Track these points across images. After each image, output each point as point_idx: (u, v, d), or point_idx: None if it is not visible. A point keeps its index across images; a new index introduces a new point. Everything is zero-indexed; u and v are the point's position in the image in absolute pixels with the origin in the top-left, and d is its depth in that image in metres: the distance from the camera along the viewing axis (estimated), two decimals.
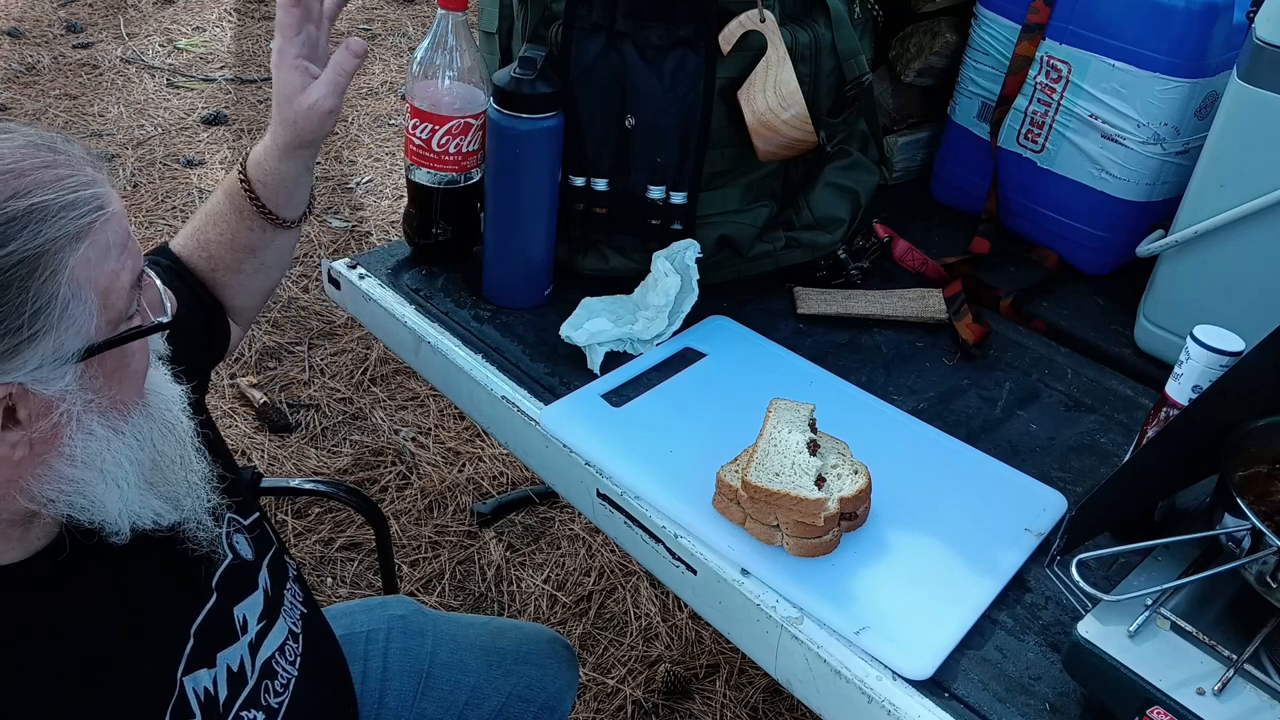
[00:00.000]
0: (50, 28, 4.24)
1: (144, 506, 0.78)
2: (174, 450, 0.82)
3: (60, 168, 0.70)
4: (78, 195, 0.70)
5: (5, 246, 0.65)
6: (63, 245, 0.68)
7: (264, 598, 0.96)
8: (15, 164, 0.68)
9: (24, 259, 0.66)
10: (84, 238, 0.69)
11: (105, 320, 0.71)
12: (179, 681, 0.85)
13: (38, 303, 0.66)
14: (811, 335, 1.28)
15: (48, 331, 0.67)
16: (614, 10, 1.14)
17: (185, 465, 0.83)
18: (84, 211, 0.69)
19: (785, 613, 0.90)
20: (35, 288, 0.66)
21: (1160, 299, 1.27)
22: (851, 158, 1.34)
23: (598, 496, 1.04)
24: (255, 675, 0.94)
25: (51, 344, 0.68)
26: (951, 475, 1.06)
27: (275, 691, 0.97)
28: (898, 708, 0.83)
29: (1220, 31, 1.28)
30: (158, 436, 0.80)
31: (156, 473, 0.80)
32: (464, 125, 1.21)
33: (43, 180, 0.68)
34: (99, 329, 0.71)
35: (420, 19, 4.61)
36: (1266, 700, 0.78)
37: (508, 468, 2.35)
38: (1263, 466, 0.89)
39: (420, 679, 1.18)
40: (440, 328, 1.23)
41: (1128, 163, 1.37)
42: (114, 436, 0.75)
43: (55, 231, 0.67)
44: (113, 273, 0.71)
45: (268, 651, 0.96)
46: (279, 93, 1.01)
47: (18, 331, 0.66)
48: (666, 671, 1.93)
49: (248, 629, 0.94)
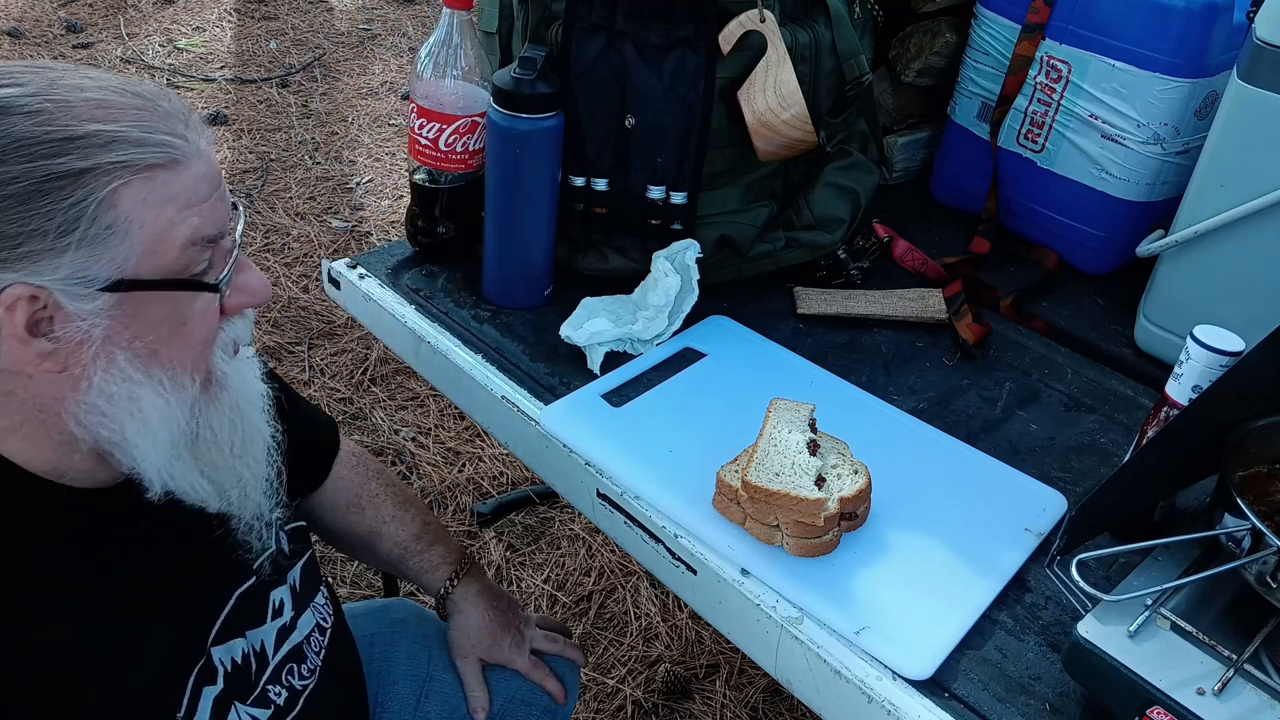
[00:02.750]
0: (50, 28, 4.24)
1: (181, 475, 0.80)
2: (229, 437, 0.83)
3: (146, 112, 0.73)
4: (149, 136, 0.72)
5: (55, 159, 0.69)
6: (113, 172, 0.70)
7: (292, 593, 0.99)
8: (104, 98, 0.72)
9: (67, 173, 0.69)
10: (141, 174, 0.71)
11: (150, 264, 0.73)
12: (208, 649, 0.87)
13: (69, 215, 0.69)
14: (811, 335, 1.28)
15: (72, 248, 0.70)
16: (614, 10, 1.14)
17: (242, 459, 0.84)
18: (150, 151, 0.72)
19: (785, 613, 0.90)
20: (71, 202, 0.69)
21: (1160, 299, 1.27)
22: (851, 158, 1.34)
23: (598, 496, 1.04)
24: (281, 656, 0.96)
25: (79, 261, 0.70)
26: (951, 475, 1.06)
27: (301, 675, 0.99)
28: (898, 708, 0.83)
29: (1220, 31, 1.28)
30: (215, 416, 0.81)
31: (197, 448, 0.80)
32: (471, 124, 1.21)
33: (122, 116, 0.72)
34: (139, 268, 0.72)
35: (420, 19, 4.61)
36: (1266, 700, 0.78)
37: (508, 468, 2.35)
38: (1263, 466, 0.89)
39: (422, 683, 1.18)
40: (440, 328, 1.23)
41: (1128, 163, 1.37)
42: (147, 383, 0.76)
43: (110, 158, 0.70)
44: (168, 221, 0.73)
45: (298, 638, 0.98)
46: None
47: (43, 237, 0.69)
48: (666, 671, 1.93)
49: (282, 613, 0.96)
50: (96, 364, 0.73)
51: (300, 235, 3.02)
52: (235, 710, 0.89)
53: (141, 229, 0.72)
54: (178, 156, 0.73)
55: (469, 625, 1.18)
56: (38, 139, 0.69)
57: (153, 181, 0.72)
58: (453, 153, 1.22)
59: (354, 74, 4.07)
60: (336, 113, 3.79)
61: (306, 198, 3.23)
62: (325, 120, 3.73)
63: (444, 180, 1.27)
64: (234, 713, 0.89)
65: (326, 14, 4.59)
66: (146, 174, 0.72)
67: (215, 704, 0.87)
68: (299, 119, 3.70)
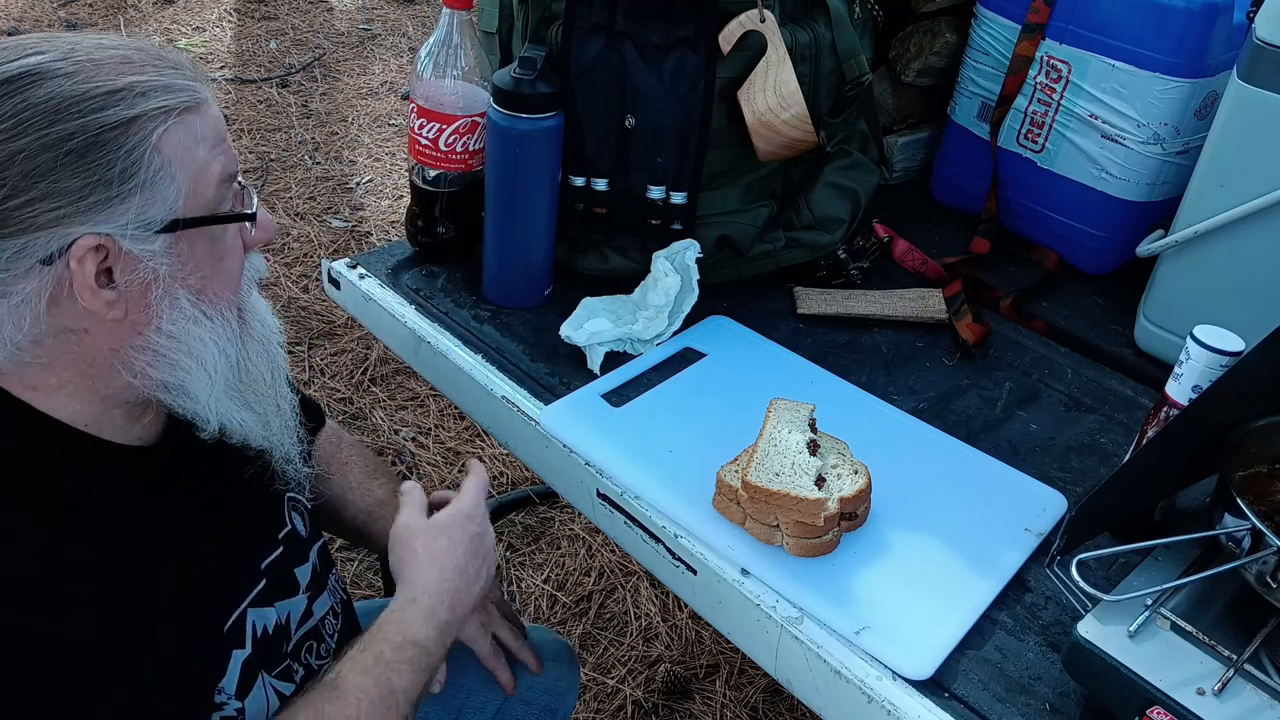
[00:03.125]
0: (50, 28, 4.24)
1: (231, 410, 0.84)
2: (265, 368, 0.88)
3: (161, 63, 0.79)
4: (174, 83, 0.78)
5: (104, 112, 0.74)
6: (155, 118, 0.76)
7: (312, 571, 1.00)
8: (126, 55, 0.78)
9: (118, 123, 0.74)
10: (175, 118, 0.77)
11: (194, 203, 0.78)
12: (244, 608, 0.89)
13: (128, 163, 0.74)
14: (811, 335, 1.28)
15: (135, 192, 0.75)
16: (614, 10, 1.14)
17: (275, 388, 0.89)
18: (179, 97, 0.78)
19: (785, 613, 0.90)
20: (126, 150, 0.74)
21: (1160, 299, 1.27)
22: (851, 158, 1.34)
23: (598, 496, 1.04)
24: (302, 634, 0.97)
25: (139, 205, 0.75)
26: (951, 475, 1.06)
27: (319, 655, 0.99)
28: (898, 708, 0.83)
29: (1220, 31, 1.28)
30: (251, 347, 0.86)
31: (244, 380, 0.85)
32: (471, 124, 1.21)
33: (145, 69, 0.77)
34: (186, 208, 0.78)
35: (420, 19, 4.61)
36: (1266, 700, 0.78)
37: (508, 468, 2.35)
38: (1263, 466, 0.89)
39: None
40: (440, 328, 1.23)
41: (1128, 163, 1.37)
42: (204, 319, 0.81)
43: (150, 105, 0.76)
44: (203, 161, 0.79)
45: (318, 615, 0.99)
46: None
47: (108, 186, 0.74)
48: (666, 671, 1.93)
49: (304, 590, 0.98)
50: (161, 305, 0.78)
51: (300, 235, 3.02)
52: (262, 679, 0.89)
53: (183, 169, 0.77)
54: (201, 99, 0.80)
55: None
56: (84, 95, 0.73)
57: (186, 124, 0.78)
58: (453, 153, 1.22)
59: (354, 74, 4.07)
60: (336, 113, 3.79)
61: (306, 198, 3.23)
62: (325, 120, 3.73)
63: (444, 180, 1.27)
64: (260, 681, 0.89)
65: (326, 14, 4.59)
66: (180, 118, 0.77)
67: (244, 667, 0.87)
68: (299, 119, 3.70)
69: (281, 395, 0.90)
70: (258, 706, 0.89)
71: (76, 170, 0.73)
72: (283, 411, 0.90)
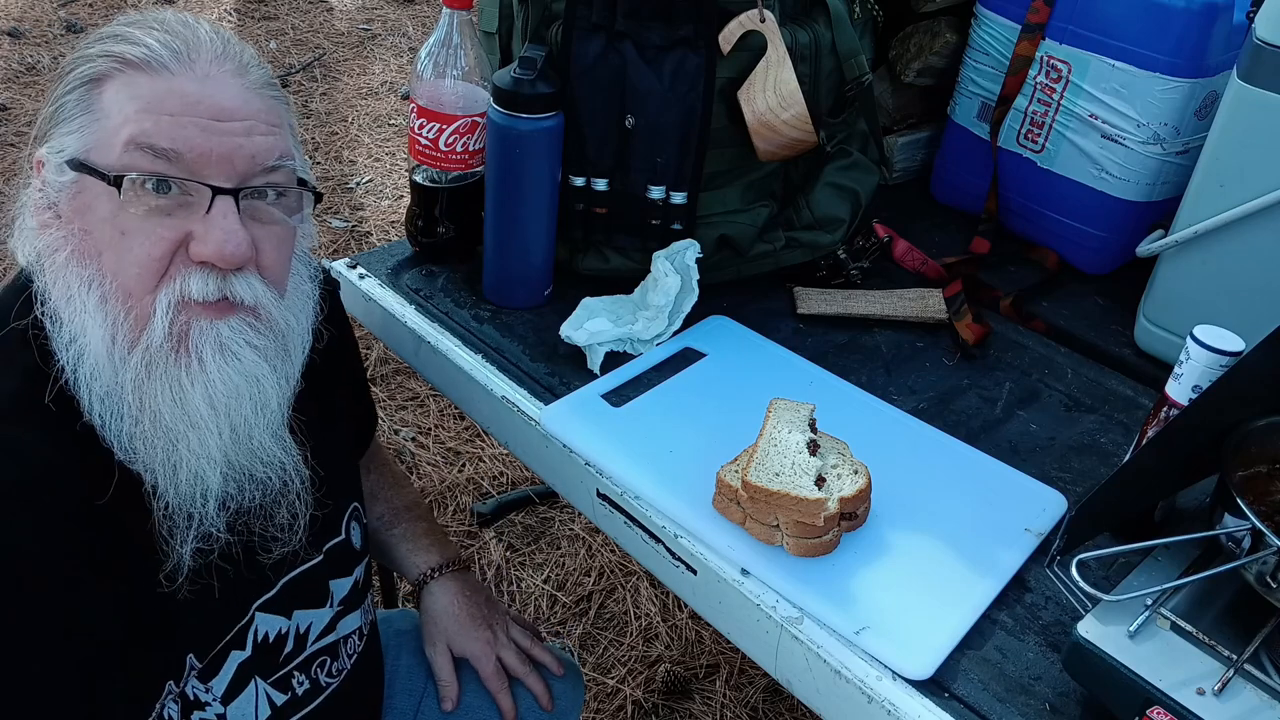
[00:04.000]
0: (50, 28, 4.24)
1: (116, 424, 0.76)
2: (184, 423, 0.78)
3: (177, 31, 0.79)
4: (146, 41, 0.77)
5: (90, 48, 0.78)
6: (102, 60, 0.77)
7: (353, 588, 0.99)
8: (176, 24, 0.79)
9: (84, 56, 0.78)
10: (125, 67, 0.76)
11: (100, 155, 0.76)
12: (252, 613, 0.88)
13: (69, 93, 0.77)
14: (811, 335, 1.28)
15: (65, 121, 0.77)
16: (614, 10, 1.14)
17: (201, 451, 0.79)
18: (150, 53, 0.77)
19: (785, 613, 0.90)
20: (74, 80, 0.77)
21: (1160, 299, 1.27)
22: (851, 158, 1.34)
23: (598, 496, 1.04)
24: (319, 647, 0.96)
25: (64, 132, 0.77)
26: (951, 475, 1.06)
27: (329, 673, 0.99)
28: (897, 708, 0.83)
29: (1220, 31, 1.28)
30: (172, 386, 0.77)
31: (139, 407, 0.76)
32: (471, 124, 1.21)
33: (155, 29, 0.79)
34: (91, 154, 0.76)
35: (420, 19, 4.61)
36: (1266, 700, 0.78)
37: (508, 468, 2.35)
38: (1262, 466, 0.89)
39: (420, 697, 1.17)
40: (440, 328, 1.23)
41: (1128, 163, 1.37)
42: (83, 292, 0.76)
43: (110, 48, 0.77)
44: (124, 117, 0.76)
45: (341, 633, 0.99)
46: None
47: (59, 110, 0.78)
48: (666, 671, 1.93)
49: (335, 604, 0.97)
50: (64, 244, 0.76)
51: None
52: (256, 684, 0.89)
53: (107, 118, 0.76)
54: (162, 64, 0.77)
55: (437, 608, 1.16)
56: (99, 35, 0.79)
57: (132, 80, 0.76)
58: (453, 153, 1.22)
59: (354, 74, 4.07)
60: (336, 113, 3.79)
61: None
62: (325, 120, 3.73)
63: (444, 180, 1.27)
64: (254, 686, 0.89)
65: (326, 14, 4.59)
66: (129, 71, 0.76)
67: (239, 669, 0.87)
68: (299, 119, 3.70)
69: (210, 462, 0.79)
70: (242, 712, 0.88)
71: (54, 90, 0.78)
72: (207, 484, 0.79)
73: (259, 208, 0.80)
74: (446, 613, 1.16)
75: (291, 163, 0.83)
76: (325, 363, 0.92)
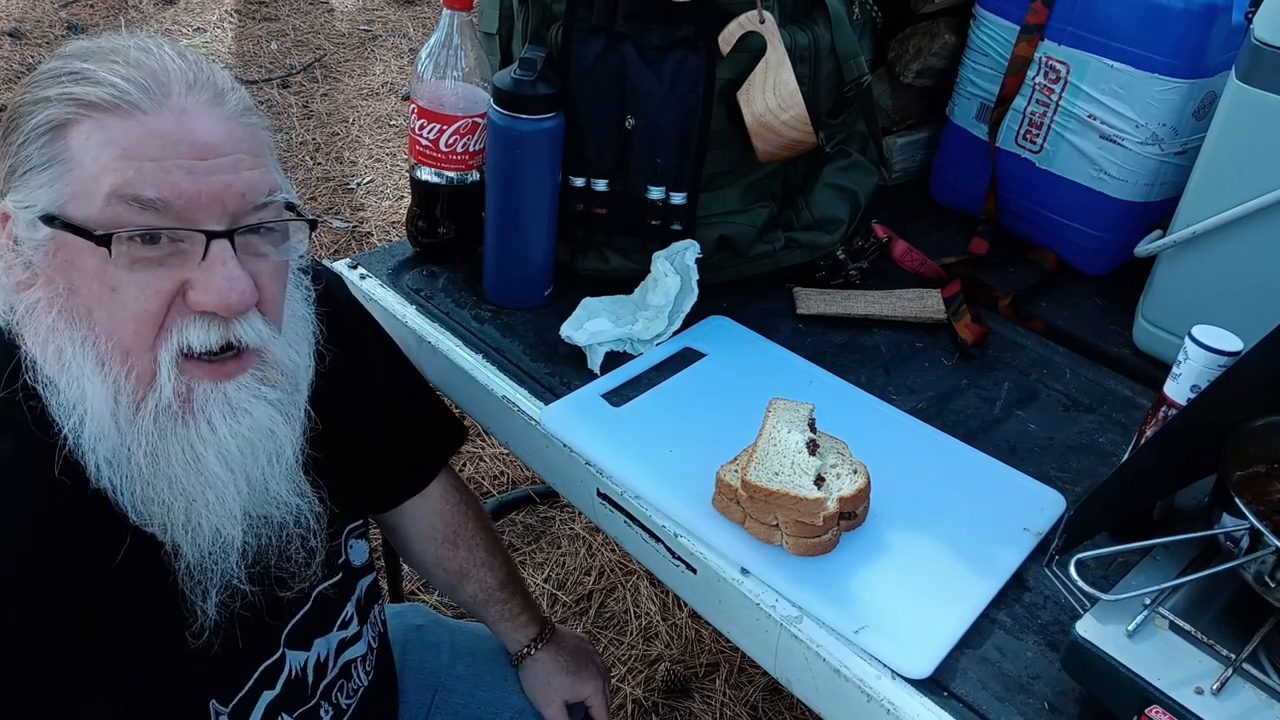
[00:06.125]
0: (51, 28, 4.24)
1: (125, 483, 0.74)
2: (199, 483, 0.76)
3: (144, 65, 0.72)
4: (112, 80, 0.70)
5: (37, 88, 0.72)
6: (67, 104, 0.70)
7: (357, 605, 0.99)
8: (142, 48, 0.74)
9: (36, 100, 0.71)
10: (93, 113, 0.70)
11: (79, 208, 0.70)
12: (281, 650, 0.87)
13: (29, 141, 0.71)
14: (811, 335, 1.28)
15: (30, 172, 0.71)
16: (614, 11, 1.14)
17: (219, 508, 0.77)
18: (117, 93, 0.70)
19: (785, 612, 0.90)
20: (31, 127, 0.71)
21: (1158, 299, 1.27)
22: (851, 158, 1.34)
23: (598, 496, 1.05)
24: (335, 671, 0.96)
25: (28, 186, 0.71)
26: (950, 475, 1.06)
27: (347, 694, 0.99)
28: (897, 706, 0.83)
29: (1219, 32, 1.28)
30: (183, 446, 0.74)
31: (151, 466, 0.74)
32: (471, 125, 1.21)
33: (116, 62, 0.72)
34: (67, 208, 0.70)
35: (420, 20, 4.61)
36: (1265, 699, 0.78)
37: (508, 468, 2.35)
38: (1261, 466, 0.89)
39: (434, 692, 1.18)
40: (441, 328, 1.24)
41: (1126, 163, 1.37)
42: (82, 348, 0.72)
43: (72, 90, 0.70)
44: (101, 166, 0.70)
45: (352, 655, 0.98)
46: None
47: (13, 156, 0.72)
48: (666, 670, 1.93)
49: (348, 625, 0.96)
50: (49, 303, 0.71)
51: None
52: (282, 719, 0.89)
53: (81, 168, 0.70)
54: (132, 104, 0.70)
55: (545, 672, 1.19)
56: (43, 71, 0.72)
57: (103, 125, 0.70)
58: (453, 153, 1.23)
59: (354, 75, 4.07)
60: (337, 114, 3.79)
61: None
62: (326, 121, 3.73)
63: (444, 181, 1.27)
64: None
65: (327, 15, 4.59)
66: (99, 115, 0.70)
67: (267, 710, 0.87)
68: (300, 120, 3.70)
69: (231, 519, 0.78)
70: None
71: (5, 137, 0.72)
72: (227, 539, 0.77)
73: (253, 242, 0.76)
74: (554, 673, 1.19)
75: (281, 195, 0.79)
76: (330, 384, 0.88)
